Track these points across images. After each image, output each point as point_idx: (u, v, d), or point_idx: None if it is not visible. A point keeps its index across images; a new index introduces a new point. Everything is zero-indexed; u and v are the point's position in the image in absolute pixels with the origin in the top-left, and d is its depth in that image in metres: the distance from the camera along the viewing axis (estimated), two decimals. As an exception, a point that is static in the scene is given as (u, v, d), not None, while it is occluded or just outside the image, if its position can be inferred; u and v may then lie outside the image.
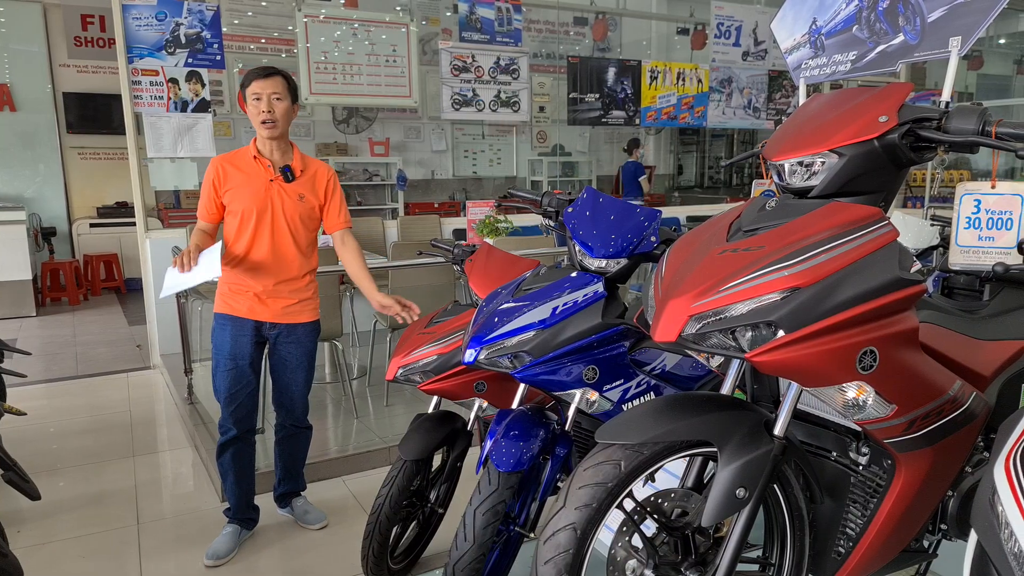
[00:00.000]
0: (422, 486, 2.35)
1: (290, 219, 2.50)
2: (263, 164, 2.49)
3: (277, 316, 2.54)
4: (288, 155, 2.54)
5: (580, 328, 1.74)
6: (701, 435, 1.21)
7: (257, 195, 2.46)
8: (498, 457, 1.73)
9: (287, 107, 2.45)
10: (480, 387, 2.19)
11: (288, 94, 2.46)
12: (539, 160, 10.16)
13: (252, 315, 2.52)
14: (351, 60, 5.72)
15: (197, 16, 4.77)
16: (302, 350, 2.62)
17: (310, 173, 2.55)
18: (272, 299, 2.52)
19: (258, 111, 2.41)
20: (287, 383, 2.65)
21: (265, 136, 2.45)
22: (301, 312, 2.58)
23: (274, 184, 2.48)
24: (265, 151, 2.51)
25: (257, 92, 2.41)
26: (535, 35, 9.16)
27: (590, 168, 10.63)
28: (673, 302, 1.17)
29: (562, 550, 1.15)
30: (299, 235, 2.52)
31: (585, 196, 1.98)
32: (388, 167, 9.26)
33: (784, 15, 2.03)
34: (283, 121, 2.45)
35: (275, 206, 2.48)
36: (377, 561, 2.21)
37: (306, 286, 2.60)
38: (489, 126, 9.94)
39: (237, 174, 2.48)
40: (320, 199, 2.57)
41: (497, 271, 2.26)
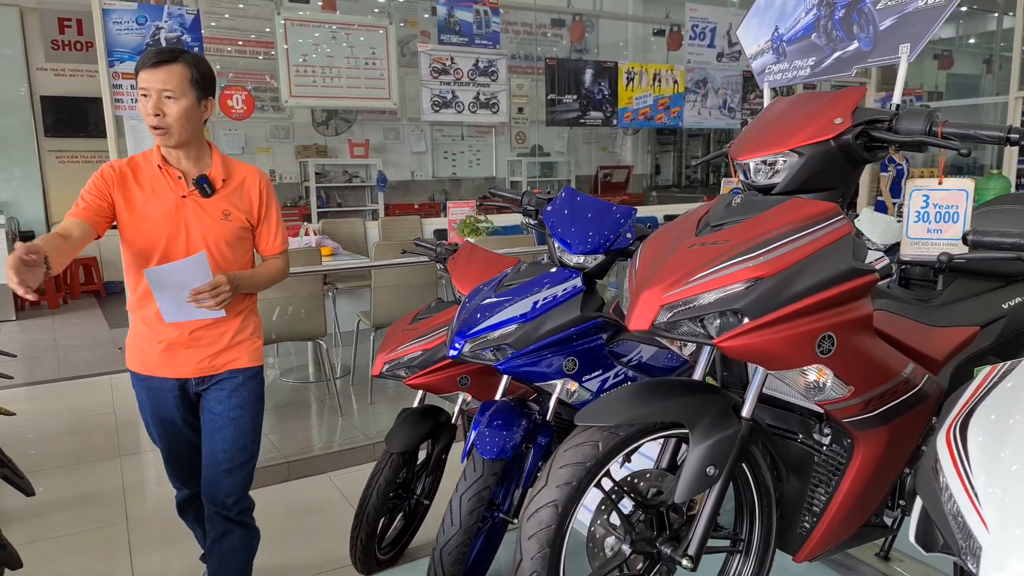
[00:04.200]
0: (408, 478, 2.42)
1: (213, 245, 1.91)
2: (171, 176, 1.89)
3: (201, 370, 1.96)
4: (204, 162, 1.94)
5: (560, 321, 1.81)
6: (673, 417, 1.29)
7: (165, 217, 1.87)
8: (482, 445, 1.80)
9: (187, 107, 1.82)
10: (464, 381, 2.26)
11: (190, 89, 1.82)
12: (518, 161, 10.24)
13: (169, 372, 1.96)
14: (330, 63, 5.76)
15: (177, 20, 4.79)
16: (238, 399, 1.99)
17: (235, 183, 1.97)
18: (191, 349, 1.94)
19: (145, 113, 1.82)
20: (217, 446, 1.99)
21: (162, 145, 1.89)
22: (235, 357, 2.00)
23: (187, 201, 1.89)
24: (172, 159, 1.92)
25: (144, 88, 1.80)
26: (513, 36, 9.25)
27: (569, 168, 10.74)
28: (646, 293, 1.25)
29: (544, 526, 1.23)
30: (227, 265, 1.94)
31: (563, 195, 2.06)
32: (368, 168, 9.30)
33: (749, 22, 2.13)
34: (180, 126, 1.83)
35: (190, 230, 1.89)
36: (365, 551, 2.27)
37: (241, 324, 2.01)
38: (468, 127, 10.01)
39: (136, 191, 1.88)
40: (251, 215, 1.99)
41: (479, 268, 2.33)
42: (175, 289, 1.80)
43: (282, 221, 2.09)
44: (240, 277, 1.91)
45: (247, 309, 2.07)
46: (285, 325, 3.73)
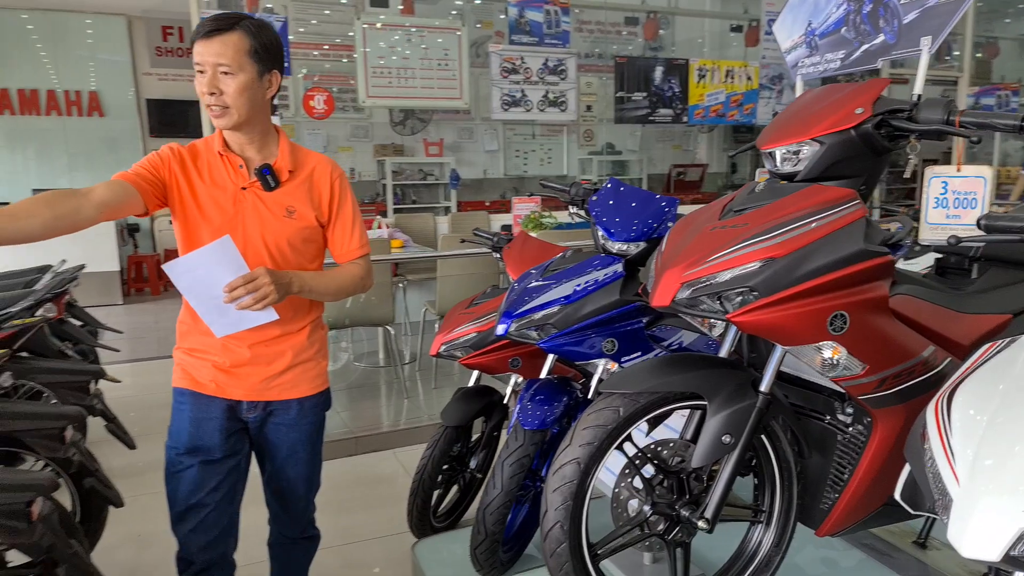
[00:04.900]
0: (463, 453, 2.57)
1: (273, 246, 1.66)
2: (231, 163, 1.66)
3: (256, 392, 1.72)
4: (269, 149, 1.70)
5: (599, 304, 1.92)
6: (691, 388, 1.39)
7: (221, 210, 1.64)
8: (524, 417, 1.93)
9: (246, 83, 1.56)
10: (515, 363, 2.39)
11: (249, 62, 1.55)
12: (589, 159, 10.30)
13: (219, 391, 1.71)
14: (405, 64, 6.01)
15: (265, 26, 5.12)
16: (299, 434, 1.80)
17: (303, 174, 1.72)
18: (247, 367, 1.69)
19: (200, 92, 1.57)
20: (278, 481, 1.84)
21: (220, 127, 1.65)
22: (297, 382, 1.75)
23: (247, 193, 1.65)
24: (234, 144, 1.67)
25: (198, 63, 1.56)
26: (586, 36, 9.32)
27: (641, 167, 10.71)
28: (668, 272, 1.36)
29: (567, 480, 1.35)
30: (289, 267, 1.68)
31: (608, 186, 2.17)
32: (442, 167, 9.57)
33: (784, 18, 2.17)
34: (239, 104, 1.57)
35: (247, 227, 1.64)
36: (420, 517, 2.44)
37: (307, 341, 1.76)
38: (540, 126, 10.14)
39: (194, 178, 1.66)
40: (320, 212, 1.72)
41: (531, 257, 2.46)
42: (205, 287, 1.50)
43: (360, 220, 1.78)
44: (299, 277, 1.61)
45: (313, 323, 1.77)
46: (358, 311, 3.97)
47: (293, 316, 1.72)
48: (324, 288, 1.71)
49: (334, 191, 1.75)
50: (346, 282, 1.76)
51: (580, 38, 8.91)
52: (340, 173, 1.78)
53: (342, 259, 1.79)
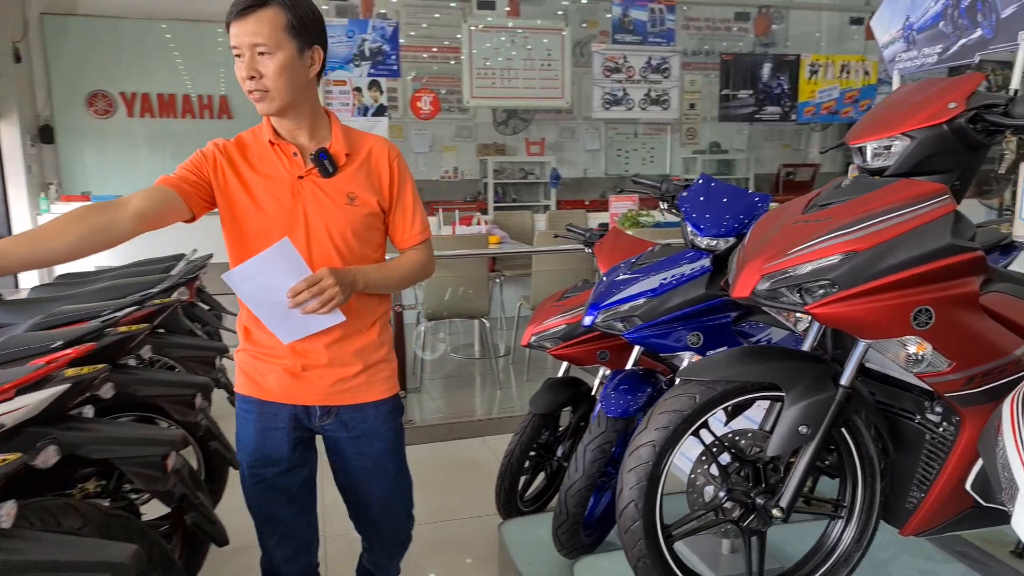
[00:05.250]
0: (550, 442, 2.66)
1: (338, 237, 1.55)
2: (285, 152, 1.54)
3: (327, 396, 1.61)
4: (322, 133, 1.57)
5: (685, 297, 1.96)
6: (769, 378, 1.41)
7: (279, 204, 1.52)
8: (607, 405, 2.00)
9: (285, 61, 1.43)
10: (603, 355, 2.45)
11: (287, 38, 1.43)
12: (693, 158, 10.12)
13: (287, 397, 1.60)
14: (509, 65, 6.16)
15: (379, 32, 5.41)
16: (383, 444, 1.68)
17: (360, 157, 1.59)
18: (320, 370, 1.59)
19: (240, 78, 1.46)
20: (361, 498, 1.73)
21: (263, 113, 1.53)
22: (369, 385, 1.63)
23: (305, 182, 1.53)
24: (284, 132, 1.55)
25: (234, 46, 1.45)
26: (693, 33, 9.16)
27: (748, 166, 10.41)
28: (749, 264, 1.39)
29: (643, 461, 1.40)
30: (354, 260, 1.57)
31: (699, 182, 2.19)
32: (543, 166, 9.67)
33: (882, 13, 2.11)
34: (280, 86, 1.45)
35: (310, 219, 1.53)
36: (508, 499, 2.54)
37: (378, 339, 1.64)
38: (643, 125, 10.05)
39: (245, 172, 1.54)
40: (381, 196, 1.60)
41: (622, 252, 2.51)
42: (267, 294, 1.41)
43: (420, 203, 1.67)
44: (362, 273, 1.52)
45: (383, 318, 1.66)
46: (455, 303, 4.14)
47: (361, 313, 1.59)
48: (389, 280, 1.63)
49: (393, 173, 1.62)
50: (410, 270, 1.66)
51: (687, 35, 8.77)
52: (398, 154, 1.65)
53: (404, 245, 1.67)
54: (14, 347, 1.91)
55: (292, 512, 1.69)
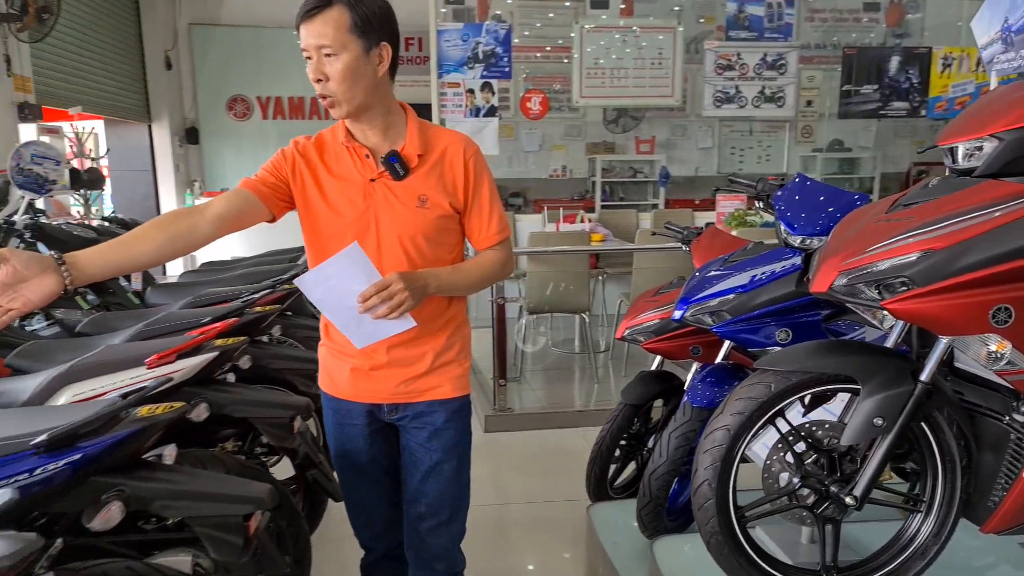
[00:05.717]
0: (641, 433, 2.75)
1: (408, 240, 1.52)
2: (358, 154, 1.53)
3: (394, 395, 1.61)
4: (396, 132, 1.54)
5: (774, 294, 2.00)
6: (845, 371, 1.45)
7: (352, 207, 1.52)
8: (692, 395, 2.07)
9: (351, 63, 1.40)
10: (695, 351, 2.52)
11: (352, 38, 1.40)
12: (812, 157, 9.74)
13: (358, 396, 1.63)
14: (619, 64, 6.22)
15: (493, 35, 5.63)
16: (442, 443, 1.63)
17: (434, 157, 1.54)
18: (386, 370, 1.59)
19: (311, 80, 1.45)
20: (410, 495, 1.68)
21: (335, 118, 1.51)
22: (436, 384, 1.62)
23: (377, 185, 1.52)
24: (357, 133, 1.54)
25: (304, 48, 1.43)
26: (817, 25, 8.81)
27: (873, 165, 9.89)
28: (829, 260, 1.44)
29: (717, 444, 1.49)
30: (425, 264, 1.54)
31: (795, 180, 2.22)
32: (652, 164, 9.63)
33: (983, 14, 2.03)
34: (346, 89, 1.42)
35: (381, 222, 1.52)
36: (598, 484, 2.66)
37: (447, 341, 1.62)
38: (759, 122, 9.77)
39: (321, 174, 1.54)
40: (455, 198, 1.56)
41: (718, 249, 2.56)
42: (339, 299, 1.41)
43: (498, 201, 1.61)
44: (434, 276, 1.49)
45: (454, 321, 1.64)
46: (556, 298, 4.28)
47: (431, 316, 1.57)
48: (463, 283, 1.58)
49: (468, 172, 1.55)
50: (485, 272, 1.62)
51: (810, 28, 8.45)
52: (474, 151, 1.58)
53: (481, 245, 1.62)
54: (173, 321, 2.23)
55: (375, 497, 1.71)
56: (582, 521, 2.60)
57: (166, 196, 8.27)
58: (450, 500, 1.67)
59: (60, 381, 1.72)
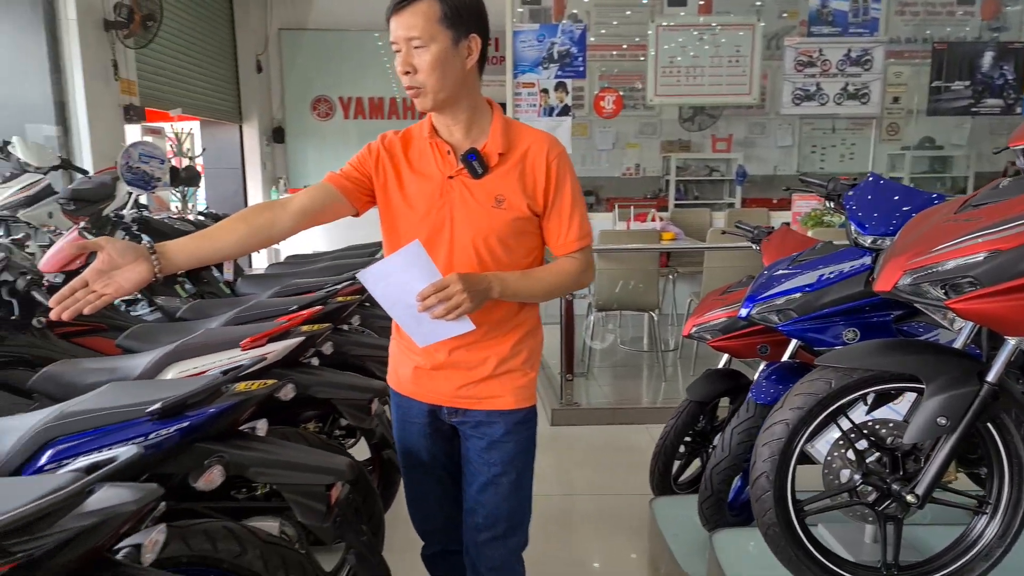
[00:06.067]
0: (707, 430, 2.77)
1: (481, 241, 1.48)
2: (439, 150, 1.50)
3: (454, 398, 1.57)
4: (480, 129, 1.50)
5: (842, 294, 2.00)
6: (909, 370, 1.46)
7: (428, 204, 1.49)
8: (757, 392, 2.10)
9: (439, 55, 1.38)
10: (763, 350, 2.52)
11: (441, 30, 1.38)
12: (900, 155, 9.34)
13: (419, 394, 1.61)
14: (695, 62, 6.17)
15: (568, 35, 5.69)
16: (501, 455, 1.57)
17: (515, 157, 1.49)
18: (446, 371, 1.55)
19: (398, 72, 1.43)
20: (470, 504, 1.63)
21: (421, 110, 1.47)
22: (497, 394, 1.56)
23: (455, 183, 1.48)
24: (441, 128, 1.51)
25: (392, 40, 1.42)
26: (908, 19, 8.46)
27: (967, 164, 9.41)
28: (894, 260, 1.45)
29: (775, 437, 1.52)
30: (498, 267, 1.49)
31: (868, 180, 2.20)
32: (728, 163, 9.47)
33: None
34: (434, 81, 1.40)
35: (455, 221, 1.48)
36: (662, 478, 2.69)
37: (511, 349, 1.55)
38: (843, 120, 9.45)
39: (404, 169, 1.52)
40: (534, 200, 1.50)
41: (789, 249, 2.55)
42: (400, 295, 1.38)
43: (581, 206, 1.53)
44: (500, 280, 1.43)
45: (522, 328, 1.56)
46: (625, 295, 4.32)
47: (498, 321, 1.52)
48: (532, 290, 1.51)
49: (551, 174, 1.49)
50: (559, 280, 1.53)
51: (900, 22, 8.13)
52: (559, 152, 1.50)
53: (558, 252, 1.54)
54: (264, 308, 2.41)
55: (434, 495, 1.69)
56: (644, 514, 2.64)
57: (254, 192, 8.71)
58: (507, 514, 1.60)
59: (167, 359, 1.90)
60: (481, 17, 1.45)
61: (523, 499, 1.64)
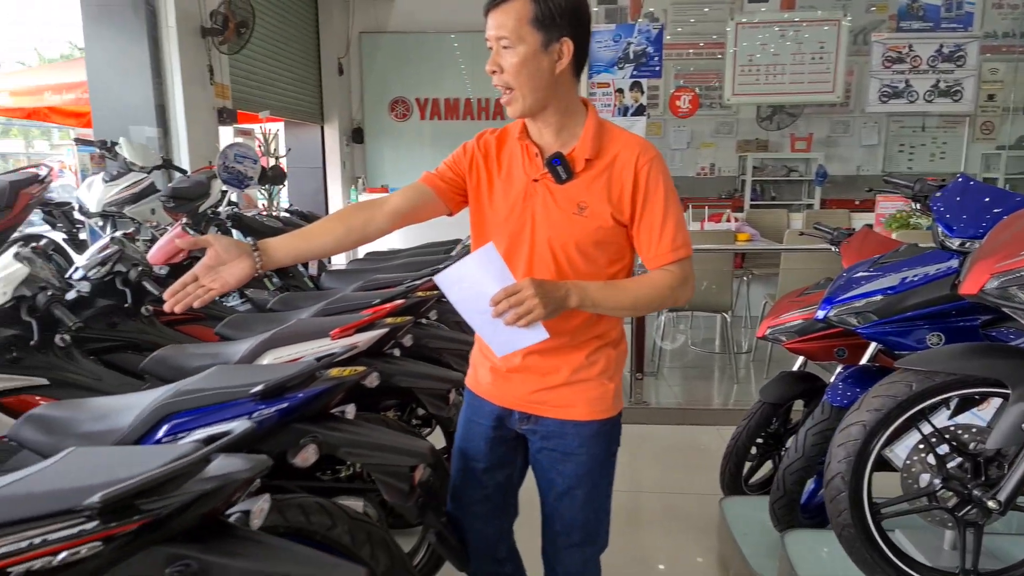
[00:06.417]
0: (780, 433, 2.74)
1: (559, 248, 1.44)
2: (528, 152, 1.47)
3: (526, 403, 1.55)
4: (571, 132, 1.45)
5: (926, 297, 1.96)
6: (993, 374, 1.43)
7: (512, 206, 1.47)
8: (832, 394, 2.08)
9: (525, 56, 1.35)
10: (840, 353, 2.48)
11: (530, 31, 1.34)
12: (996, 155, 8.86)
13: (491, 395, 1.59)
14: (775, 60, 6.04)
15: (645, 35, 5.68)
16: (575, 467, 1.53)
17: (604, 162, 1.43)
18: (520, 375, 1.54)
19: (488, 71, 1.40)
20: (545, 514, 1.62)
21: (510, 114, 1.44)
22: (574, 401, 1.51)
23: (539, 186, 1.45)
24: (532, 130, 1.48)
25: (486, 38, 1.39)
26: (1007, 12, 8.04)
27: (1076, 165, 8.83)
28: (981, 263, 1.43)
29: (852, 439, 1.52)
30: (578, 274, 1.44)
31: (957, 181, 2.14)
32: (808, 163, 9.20)
33: None
34: (520, 83, 1.38)
35: (536, 226, 1.45)
36: (732, 479, 2.69)
37: (586, 359, 1.51)
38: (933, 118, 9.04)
39: (494, 170, 1.51)
40: (619, 209, 1.43)
41: (869, 251, 2.51)
42: (474, 300, 1.33)
43: (675, 215, 1.43)
44: (580, 289, 1.36)
45: (601, 339, 1.52)
46: (697, 296, 4.29)
47: (574, 330, 1.48)
48: (616, 302, 1.41)
49: (639, 182, 1.41)
50: (649, 294, 1.43)
51: (997, 16, 7.74)
52: (650, 158, 1.42)
53: (652, 264, 1.45)
54: (350, 301, 2.54)
55: (481, 509, 1.65)
56: (711, 513, 2.65)
57: (333, 191, 9.04)
58: (582, 525, 1.57)
59: (264, 346, 2.04)
60: (579, 20, 1.39)
61: (599, 509, 1.59)
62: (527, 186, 1.46)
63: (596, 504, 1.57)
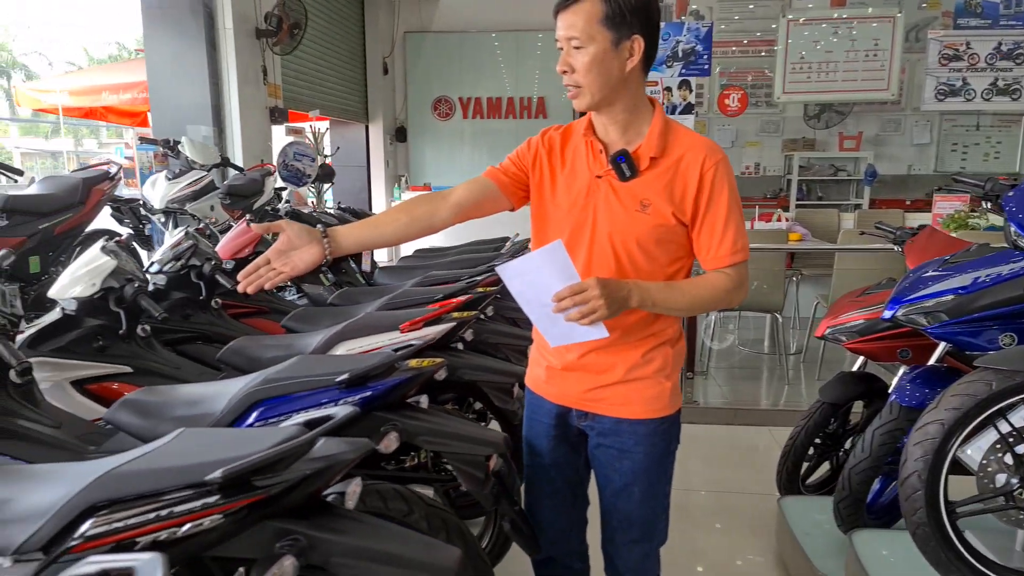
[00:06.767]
0: (839, 433, 2.73)
1: (620, 245, 1.46)
2: (592, 149, 1.49)
3: (583, 400, 1.58)
4: (636, 130, 1.46)
5: (999, 297, 1.94)
6: (1077, 375, 1.43)
7: (574, 202, 1.49)
8: (900, 394, 2.07)
9: (596, 55, 1.37)
10: (904, 353, 2.46)
11: (601, 30, 1.36)
12: (1056, 153, 8.58)
13: (549, 393, 1.63)
14: (827, 58, 5.96)
15: (694, 34, 5.66)
16: (632, 464, 1.56)
17: (669, 162, 1.44)
18: (576, 373, 1.56)
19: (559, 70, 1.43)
20: (604, 509, 1.65)
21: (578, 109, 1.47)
22: (629, 400, 1.53)
23: (602, 183, 1.47)
24: (598, 126, 1.50)
25: (557, 38, 1.41)
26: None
27: None
28: (1063, 263, 1.42)
29: (929, 437, 1.52)
30: (637, 275, 1.46)
31: (1030, 181, 2.11)
32: (857, 162, 9.03)
33: None
34: (590, 82, 1.39)
35: (598, 222, 1.47)
36: (790, 478, 2.69)
37: (642, 357, 1.52)
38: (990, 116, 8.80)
39: (557, 166, 1.53)
40: (681, 208, 1.44)
41: (935, 251, 2.48)
42: (536, 294, 1.36)
43: (737, 219, 1.45)
44: (641, 289, 1.38)
45: (659, 337, 1.52)
46: (749, 296, 4.27)
47: (631, 329, 1.49)
48: (675, 302, 1.43)
49: (703, 183, 1.42)
50: (705, 295, 1.45)
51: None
52: (716, 161, 1.42)
53: (708, 266, 1.46)
54: (412, 296, 2.61)
55: (551, 504, 1.69)
56: (766, 512, 2.65)
57: (377, 189, 9.17)
58: (639, 521, 1.60)
59: (336, 338, 2.11)
60: (648, 18, 1.39)
61: (657, 507, 1.61)
62: (590, 182, 1.47)
63: (654, 501, 1.59)
